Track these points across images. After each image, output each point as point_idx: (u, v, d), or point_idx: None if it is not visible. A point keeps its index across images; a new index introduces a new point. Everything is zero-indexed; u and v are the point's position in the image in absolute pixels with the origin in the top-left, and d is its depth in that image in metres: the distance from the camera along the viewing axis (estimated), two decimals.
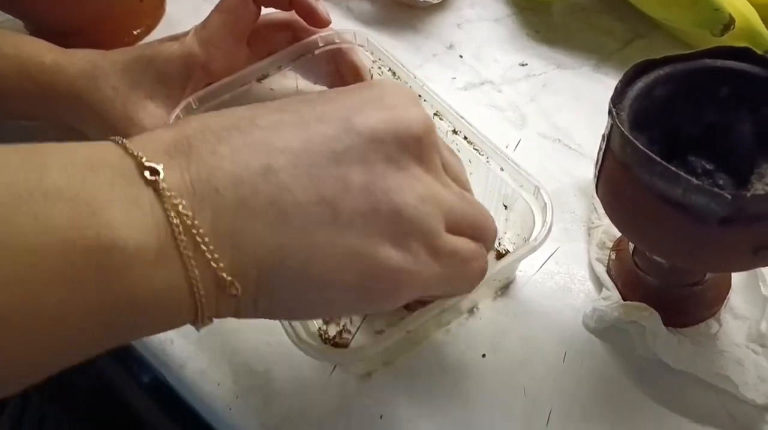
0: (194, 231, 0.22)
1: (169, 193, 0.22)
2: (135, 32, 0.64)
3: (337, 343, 0.40)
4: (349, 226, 0.24)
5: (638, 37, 0.58)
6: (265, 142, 0.25)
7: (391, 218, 0.25)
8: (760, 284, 0.40)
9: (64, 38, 0.53)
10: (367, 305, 0.27)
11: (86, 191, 0.21)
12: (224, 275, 0.23)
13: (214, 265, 0.23)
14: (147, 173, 0.22)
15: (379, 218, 0.25)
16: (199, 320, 0.24)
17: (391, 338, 0.35)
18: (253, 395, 0.39)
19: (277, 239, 0.24)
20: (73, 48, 0.48)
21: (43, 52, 0.46)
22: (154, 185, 0.22)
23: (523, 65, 0.57)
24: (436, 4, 0.60)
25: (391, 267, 0.25)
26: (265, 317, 0.26)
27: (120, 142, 0.24)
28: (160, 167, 0.22)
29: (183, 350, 0.41)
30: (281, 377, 0.39)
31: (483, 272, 0.30)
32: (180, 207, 0.22)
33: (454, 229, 0.28)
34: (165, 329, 0.24)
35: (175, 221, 0.22)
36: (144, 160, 0.23)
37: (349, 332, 0.40)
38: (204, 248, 0.22)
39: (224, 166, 0.23)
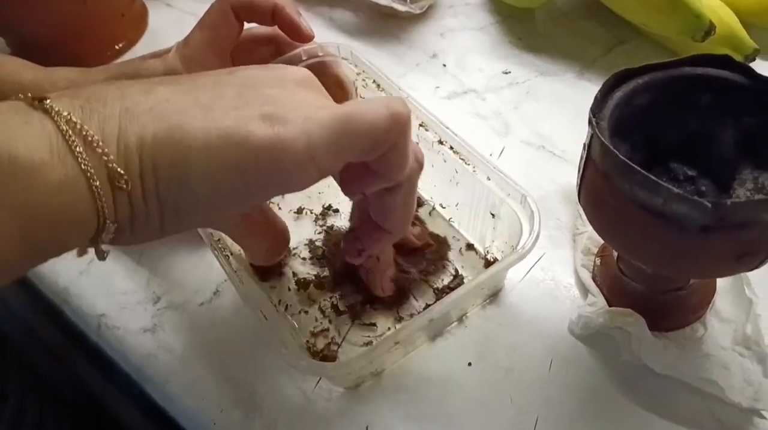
0: (83, 133, 0.25)
1: (57, 109, 0.25)
2: (117, 46, 0.64)
3: (325, 355, 0.40)
4: (222, 116, 0.27)
5: (621, 43, 0.58)
6: (154, 83, 0.28)
7: (261, 100, 0.27)
8: (745, 286, 0.40)
9: (46, 52, 0.53)
10: (257, 187, 0.27)
11: None
12: (114, 166, 0.25)
13: (104, 158, 0.25)
14: (36, 102, 0.25)
15: (251, 103, 0.27)
16: (101, 226, 0.26)
17: (379, 349, 0.35)
18: (238, 408, 0.39)
19: (155, 133, 0.26)
20: (55, 62, 0.48)
21: (23, 72, 0.45)
22: (42, 107, 0.25)
23: (506, 73, 0.57)
24: (419, 13, 0.61)
25: (261, 139, 0.26)
26: (160, 228, 0.27)
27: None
28: (48, 99, 0.25)
29: (167, 365, 0.41)
30: (266, 390, 0.39)
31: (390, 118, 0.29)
32: (69, 117, 0.25)
33: None
34: (78, 240, 0.26)
35: (64, 127, 0.25)
36: (32, 97, 0.26)
37: (337, 344, 0.40)
38: (94, 144, 0.25)
39: (111, 91, 0.27)
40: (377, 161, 0.29)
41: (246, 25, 0.48)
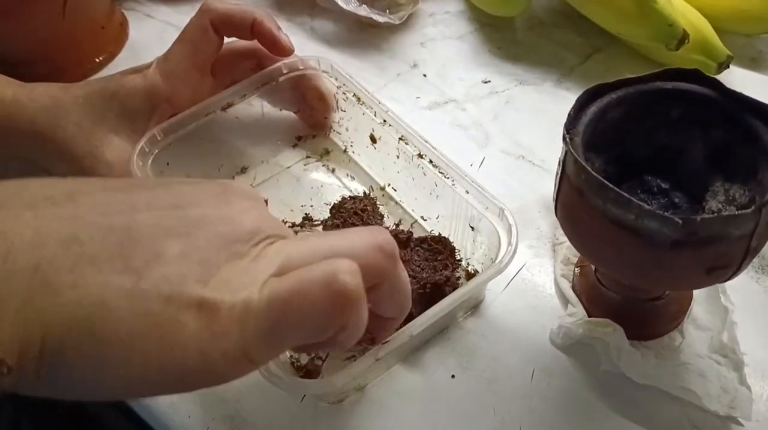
0: None
1: None
2: (98, 59, 0.64)
3: (309, 370, 0.40)
4: (152, 297, 0.22)
5: (597, 51, 0.59)
6: (76, 214, 0.23)
7: (199, 269, 0.23)
8: (721, 295, 0.41)
9: (26, 66, 0.53)
10: (177, 381, 0.23)
11: None
12: None
13: None
14: None
15: (189, 275, 0.23)
16: None
17: (361, 366, 0.35)
18: (225, 425, 0.39)
19: (72, 316, 0.21)
20: (35, 76, 0.48)
21: (2, 88, 0.45)
22: None
23: (486, 82, 0.58)
24: (400, 23, 0.61)
25: (192, 333, 0.22)
26: (51, 394, 0.23)
27: None
28: None
29: None
30: (252, 406, 0.39)
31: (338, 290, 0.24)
32: None
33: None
34: None
35: None
36: None
37: (321, 358, 0.41)
38: None
39: (22, 219, 0.21)
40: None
41: (227, 39, 0.48)
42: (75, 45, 0.62)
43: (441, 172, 0.42)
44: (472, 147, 0.52)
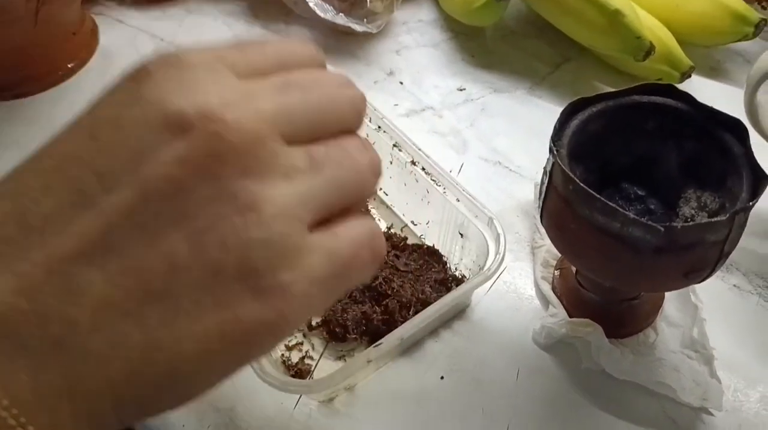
0: None
1: None
2: (69, 65, 0.63)
3: (300, 369, 0.41)
4: (196, 307, 0.19)
5: (567, 60, 0.61)
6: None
7: (240, 272, 0.20)
8: (691, 293, 0.43)
9: None
10: (244, 362, 0.21)
11: None
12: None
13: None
14: None
15: (226, 278, 0.19)
16: None
17: (351, 367, 0.36)
18: None
19: (117, 365, 0.19)
20: (8, 82, 0.45)
21: None
22: None
23: (461, 90, 0.59)
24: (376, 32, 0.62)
25: (255, 322, 0.20)
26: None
27: None
28: None
29: None
30: (246, 413, 0.40)
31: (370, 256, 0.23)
32: None
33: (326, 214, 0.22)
34: None
35: None
36: None
37: (312, 358, 0.42)
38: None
39: (37, 267, 0.18)
40: None
41: None
42: (47, 52, 0.61)
43: (433, 180, 0.43)
44: (451, 154, 0.54)
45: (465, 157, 0.54)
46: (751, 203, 0.32)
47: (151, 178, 0.19)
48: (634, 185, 0.39)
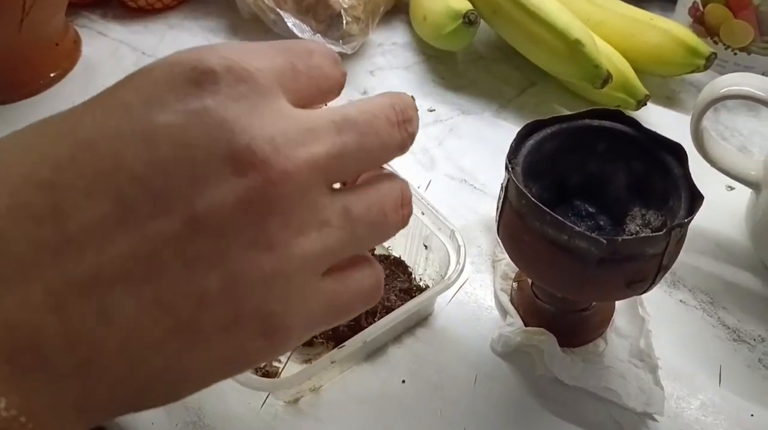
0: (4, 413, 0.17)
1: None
2: (51, 75, 0.65)
3: (267, 371, 0.43)
4: (211, 339, 0.20)
5: (532, 84, 0.65)
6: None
7: (257, 314, 0.21)
8: (639, 306, 0.46)
9: None
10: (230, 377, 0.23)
11: None
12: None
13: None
14: None
15: (244, 318, 0.20)
16: None
17: (316, 367, 0.38)
18: None
19: (132, 384, 0.20)
20: None
21: None
22: None
23: (431, 111, 0.62)
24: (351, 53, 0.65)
25: (258, 355, 0.22)
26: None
27: None
28: None
29: None
30: (214, 411, 0.42)
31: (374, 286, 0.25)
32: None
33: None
34: None
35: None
36: None
37: (279, 361, 0.43)
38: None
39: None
40: None
41: None
42: (30, 61, 0.63)
43: None
44: (419, 170, 0.57)
45: (432, 174, 0.57)
46: (686, 220, 0.34)
47: (203, 213, 0.19)
48: (586, 203, 0.42)
